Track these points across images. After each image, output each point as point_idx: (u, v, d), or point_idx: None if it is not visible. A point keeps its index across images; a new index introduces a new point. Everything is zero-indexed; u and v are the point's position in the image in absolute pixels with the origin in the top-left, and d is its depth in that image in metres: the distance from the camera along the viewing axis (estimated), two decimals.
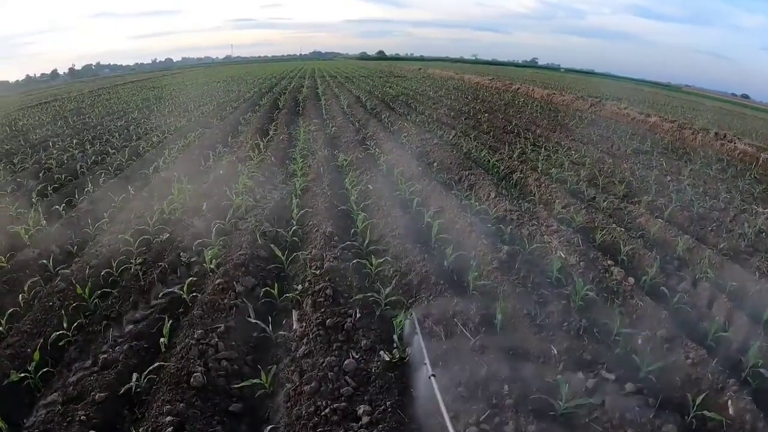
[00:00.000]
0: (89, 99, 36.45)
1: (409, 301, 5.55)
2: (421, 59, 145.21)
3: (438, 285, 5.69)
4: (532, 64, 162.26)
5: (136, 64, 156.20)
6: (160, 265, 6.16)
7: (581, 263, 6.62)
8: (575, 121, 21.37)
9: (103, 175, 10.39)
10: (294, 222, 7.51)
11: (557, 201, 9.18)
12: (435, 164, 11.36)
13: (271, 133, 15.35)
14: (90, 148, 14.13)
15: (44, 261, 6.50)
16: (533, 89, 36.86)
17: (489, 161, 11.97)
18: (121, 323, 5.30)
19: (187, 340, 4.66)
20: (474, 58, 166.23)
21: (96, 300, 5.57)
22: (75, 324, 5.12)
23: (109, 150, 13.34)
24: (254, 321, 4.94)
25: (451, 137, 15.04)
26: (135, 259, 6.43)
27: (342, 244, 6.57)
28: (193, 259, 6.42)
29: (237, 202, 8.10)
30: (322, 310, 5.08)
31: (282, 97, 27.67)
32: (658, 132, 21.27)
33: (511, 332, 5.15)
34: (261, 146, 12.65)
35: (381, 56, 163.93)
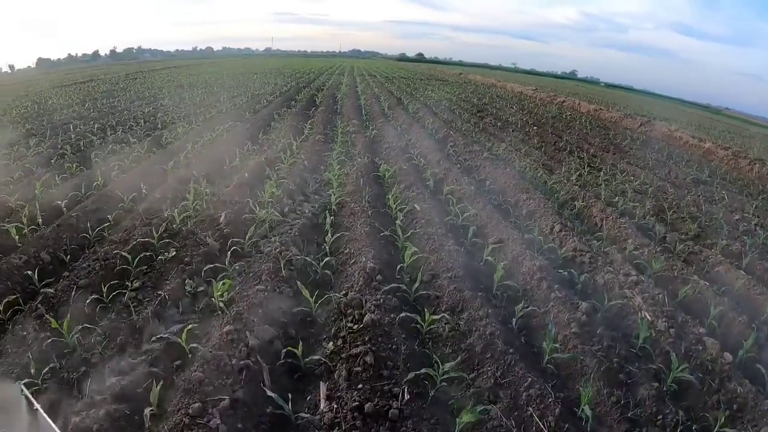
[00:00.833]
0: (124, 82, 36.08)
1: (471, 376, 4.27)
2: (461, 64, 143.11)
3: (506, 354, 4.41)
4: (571, 76, 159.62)
5: (177, 50, 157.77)
6: (160, 295, 5.00)
7: (671, 330, 5.34)
8: (627, 141, 20.01)
9: (117, 167, 9.34)
10: (327, 247, 6.27)
11: (629, 240, 7.88)
12: (487, 182, 10.02)
13: (305, 132, 14.18)
14: (111, 134, 13.16)
15: (29, 272, 5.42)
16: (579, 103, 35.16)
17: (546, 183, 10.63)
18: (103, 371, 4.16)
19: (179, 414, 3.48)
20: (513, 66, 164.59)
21: (77, 336, 4.43)
22: (47, 368, 4.03)
23: (130, 138, 12.32)
24: (269, 393, 3.73)
25: (500, 151, 13.70)
26: (131, 282, 5.31)
27: (386, 286, 5.26)
28: (200, 289, 5.25)
29: (261, 215, 6.92)
30: (360, 386, 3.82)
31: (320, 93, 26.61)
32: (713, 159, 19.77)
33: (597, 428, 3.94)
34: (294, 147, 11.50)
35: (420, 58, 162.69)
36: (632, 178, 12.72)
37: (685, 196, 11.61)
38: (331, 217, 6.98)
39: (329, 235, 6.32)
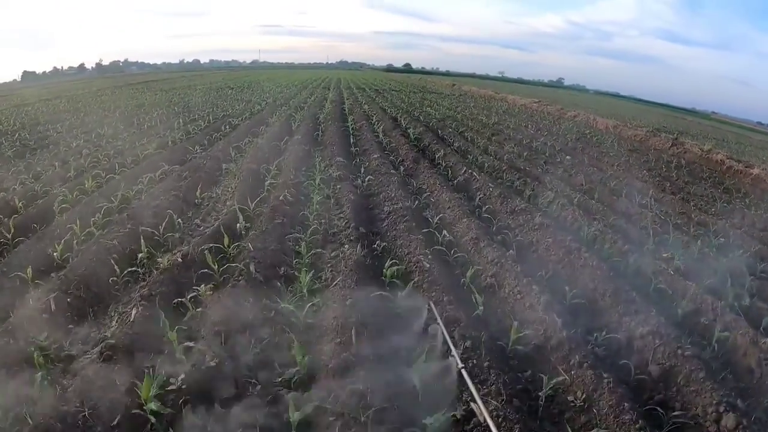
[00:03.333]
0: (84, 101, 31.25)
1: None
2: (448, 74, 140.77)
3: None
4: (558, 84, 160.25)
5: (164, 63, 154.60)
6: None
7: None
8: (674, 173, 15.98)
9: None
10: None
11: None
12: (569, 295, 5.84)
13: (267, 183, 9.80)
14: None
15: None
16: (594, 118, 31.23)
17: (647, 277, 6.54)
18: None
19: None
20: (501, 75, 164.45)
21: None
22: None
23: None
24: None
25: (552, 205, 9.56)
26: None
27: None
28: None
29: None
30: None
31: (298, 113, 22.24)
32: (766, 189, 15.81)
33: None
34: (241, 222, 7.30)
35: (408, 69, 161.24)
36: (730, 242, 8.67)
37: None
38: None
39: None
